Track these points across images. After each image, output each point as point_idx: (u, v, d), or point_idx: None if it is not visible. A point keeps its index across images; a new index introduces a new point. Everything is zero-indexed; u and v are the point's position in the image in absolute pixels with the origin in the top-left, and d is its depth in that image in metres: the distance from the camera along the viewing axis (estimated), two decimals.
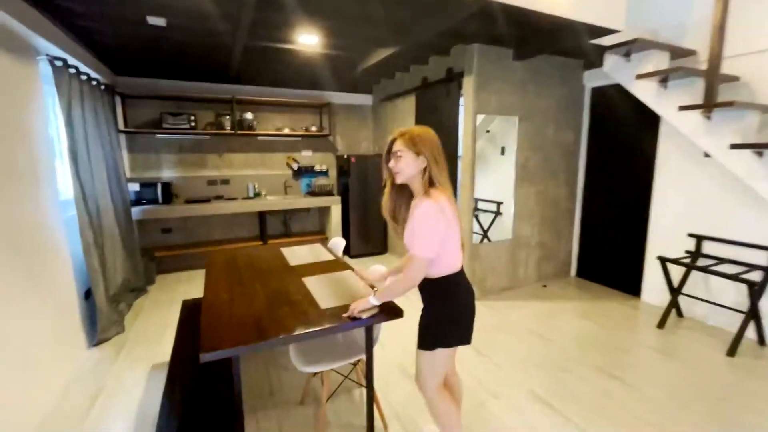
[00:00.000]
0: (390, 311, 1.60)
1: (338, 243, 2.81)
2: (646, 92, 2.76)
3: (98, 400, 2.15)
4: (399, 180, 1.43)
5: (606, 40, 2.76)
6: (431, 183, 1.38)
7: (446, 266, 1.43)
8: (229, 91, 4.53)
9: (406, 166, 1.40)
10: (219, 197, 4.66)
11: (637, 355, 2.62)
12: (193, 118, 4.28)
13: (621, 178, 3.69)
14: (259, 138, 4.85)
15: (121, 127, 4.05)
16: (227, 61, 3.59)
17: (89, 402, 2.13)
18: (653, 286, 3.40)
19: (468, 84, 3.28)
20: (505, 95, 3.42)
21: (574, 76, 3.82)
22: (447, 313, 1.46)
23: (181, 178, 4.53)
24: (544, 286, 3.93)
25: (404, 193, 1.50)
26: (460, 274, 1.48)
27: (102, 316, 2.76)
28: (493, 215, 3.78)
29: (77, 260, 2.68)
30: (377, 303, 1.51)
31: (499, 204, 3.77)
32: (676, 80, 2.62)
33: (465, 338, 1.48)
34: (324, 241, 2.90)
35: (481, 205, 3.65)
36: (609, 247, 3.84)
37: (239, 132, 4.50)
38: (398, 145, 1.40)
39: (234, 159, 4.79)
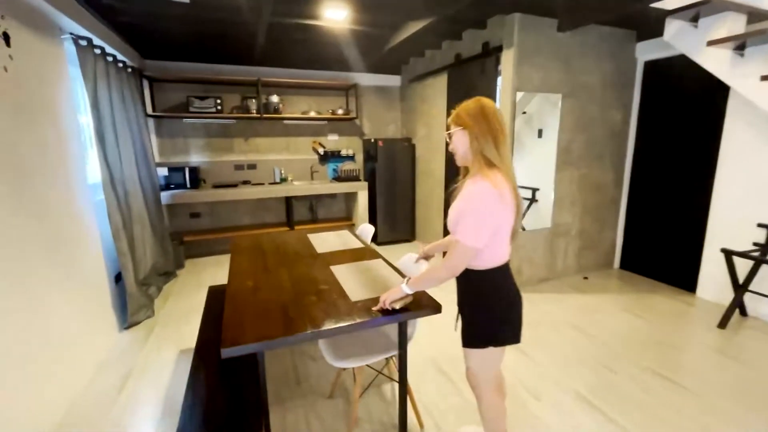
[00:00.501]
0: (428, 306, 1.45)
1: (367, 230, 2.68)
2: (717, 62, 2.42)
3: (128, 383, 2.14)
4: (457, 161, 1.32)
5: (670, 3, 2.43)
6: (490, 163, 1.21)
7: (494, 257, 1.27)
8: (255, 73, 4.44)
9: (459, 143, 1.27)
10: (246, 182, 4.62)
11: (695, 356, 2.36)
12: (219, 101, 4.22)
13: (676, 161, 3.33)
14: (285, 122, 4.76)
15: (150, 111, 4.04)
16: (252, 41, 3.47)
17: (119, 385, 2.12)
18: (711, 281, 3.08)
19: (507, 58, 3.01)
20: (548, 71, 3.13)
21: (624, 49, 3.46)
22: (497, 310, 1.30)
23: (209, 162, 4.52)
24: (585, 278, 3.67)
25: None
26: (507, 266, 1.32)
27: (132, 300, 2.77)
28: (528, 202, 3.54)
29: (107, 244, 2.68)
30: (410, 292, 1.36)
31: (534, 190, 3.51)
32: (756, 46, 2.27)
33: (516, 337, 1.33)
34: (351, 228, 2.78)
35: None
36: (659, 237, 3.52)
37: (265, 116, 4.41)
38: (450, 125, 1.29)
39: (260, 143, 4.72)
